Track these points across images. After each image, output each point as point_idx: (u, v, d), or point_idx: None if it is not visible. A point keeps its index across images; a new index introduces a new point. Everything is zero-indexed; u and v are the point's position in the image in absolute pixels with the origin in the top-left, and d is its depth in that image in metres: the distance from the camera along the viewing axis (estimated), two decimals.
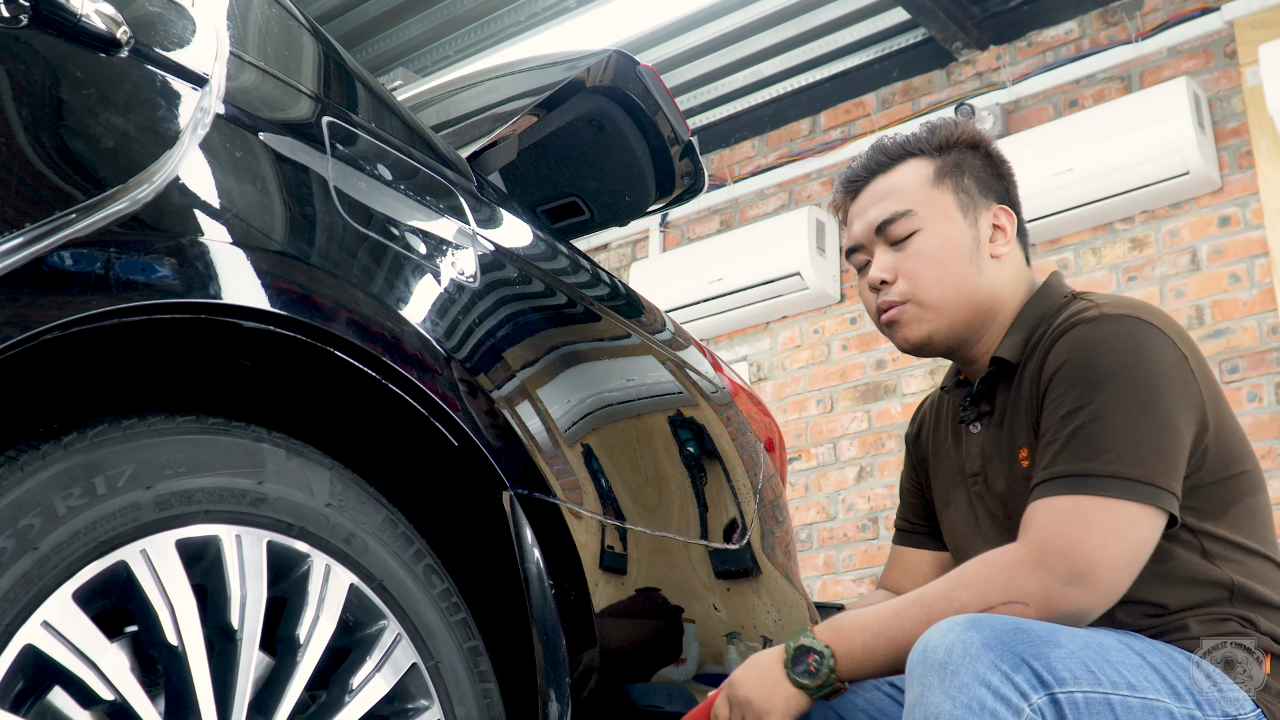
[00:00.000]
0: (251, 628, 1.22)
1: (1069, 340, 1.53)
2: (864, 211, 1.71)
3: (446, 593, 1.45)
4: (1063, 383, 1.51)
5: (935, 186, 1.68)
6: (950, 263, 1.64)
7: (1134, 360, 1.48)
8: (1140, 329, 1.50)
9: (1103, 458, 1.43)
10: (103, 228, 1.12)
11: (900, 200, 1.67)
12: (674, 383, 2.05)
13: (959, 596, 1.42)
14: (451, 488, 1.54)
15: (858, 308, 5.40)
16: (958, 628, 1.31)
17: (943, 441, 1.79)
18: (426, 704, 1.39)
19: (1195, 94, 4.55)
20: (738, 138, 5.92)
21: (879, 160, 1.73)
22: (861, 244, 1.72)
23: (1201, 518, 1.52)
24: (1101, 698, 1.32)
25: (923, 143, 1.71)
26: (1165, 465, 1.44)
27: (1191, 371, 1.51)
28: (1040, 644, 1.31)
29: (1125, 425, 1.44)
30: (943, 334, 1.66)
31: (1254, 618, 1.50)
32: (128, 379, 1.35)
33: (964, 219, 1.67)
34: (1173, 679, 1.40)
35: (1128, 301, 1.57)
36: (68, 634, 1.08)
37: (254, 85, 1.41)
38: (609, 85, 2.12)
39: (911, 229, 1.66)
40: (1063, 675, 1.30)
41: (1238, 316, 4.42)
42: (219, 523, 1.22)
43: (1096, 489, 1.42)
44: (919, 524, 1.88)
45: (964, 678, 1.27)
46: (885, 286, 1.67)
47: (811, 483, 5.35)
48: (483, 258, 1.65)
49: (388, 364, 1.38)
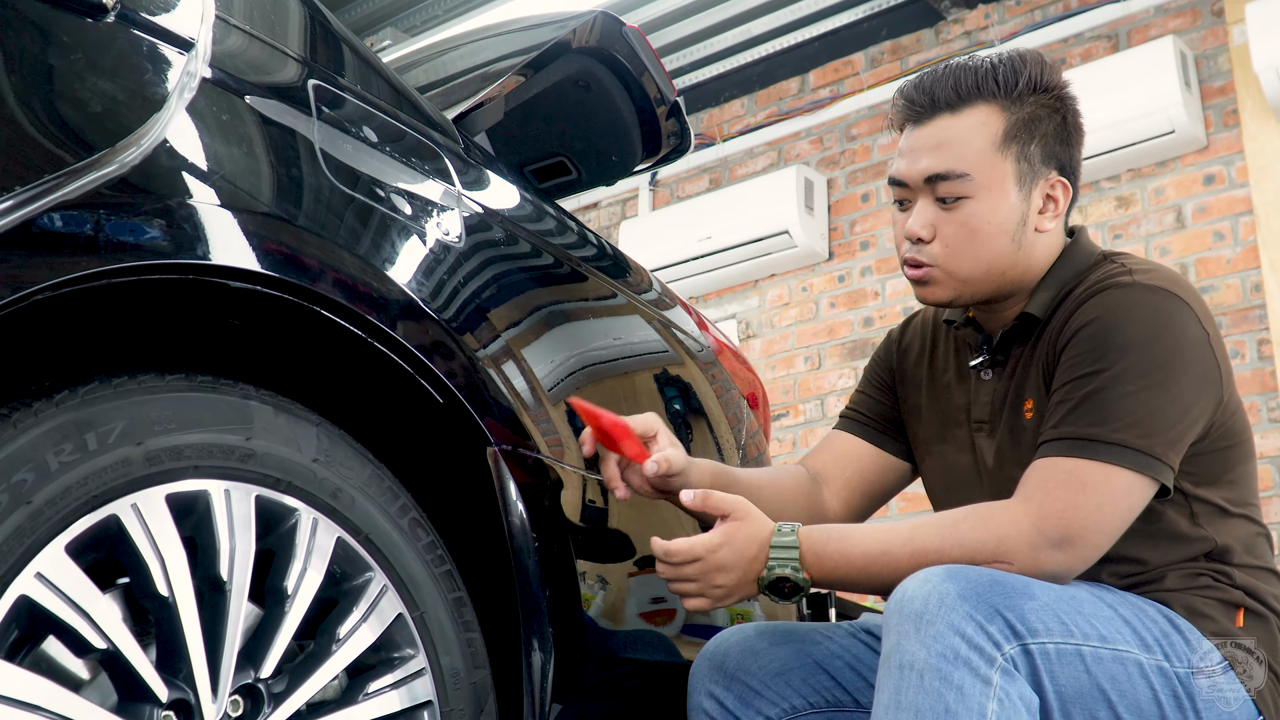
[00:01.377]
0: (240, 579, 1.25)
1: (1098, 303, 1.52)
2: (918, 152, 1.60)
3: (432, 545, 1.48)
4: (1085, 342, 1.50)
5: (1000, 150, 1.57)
6: (992, 240, 1.58)
7: (1159, 333, 1.48)
8: (1170, 301, 1.50)
9: (1111, 424, 1.44)
10: (92, 190, 1.14)
11: (959, 159, 1.57)
12: (659, 341, 2.08)
13: (950, 552, 1.43)
14: (437, 444, 1.57)
15: (846, 265, 5.42)
16: (935, 578, 1.34)
17: (943, 374, 1.76)
18: (412, 653, 1.42)
19: (1182, 52, 4.55)
20: (727, 96, 5.92)
21: (949, 96, 1.59)
22: (906, 183, 1.62)
23: (1196, 483, 1.54)
24: (1073, 649, 1.36)
25: (1003, 86, 1.58)
26: (1169, 439, 1.46)
27: (1213, 349, 1.51)
28: (1015, 596, 1.35)
29: (1139, 395, 1.45)
30: (965, 300, 1.63)
31: (1229, 572, 1.54)
32: (118, 338, 1.37)
33: (1018, 191, 1.58)
34: (1143, 631, 1.43)
35: (1160, 271, 1.55)
36: (61, 585, 1.11)
37: (240, 49, 1.43)
38: (595, 46, 2.12)
39: (963, 193, 1.57)
40: (1035, 626, 1.34)
41: (1221, 274, 4.45)
42: (208, 478, 1.25)
43: (1099, 454, 1.44)
44: (876, 421, 1.84)
45: (939, 627, 1.30)
46: (920, 243, 1.60)
47: (799, 438, 5.39)
48: (468, 218, 1.67)
49: (374, 323, 1.41)
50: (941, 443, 1.74)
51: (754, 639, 1.68)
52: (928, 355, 1.81)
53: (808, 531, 1.50)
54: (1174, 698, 1.41)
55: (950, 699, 1.27)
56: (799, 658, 1.66)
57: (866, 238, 5.39)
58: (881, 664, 1.35)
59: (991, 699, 1.28)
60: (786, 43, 5.59)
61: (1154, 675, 1.40)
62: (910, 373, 1.82)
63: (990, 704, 1.28)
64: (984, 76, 1.60)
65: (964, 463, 1.70)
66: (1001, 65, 1.60)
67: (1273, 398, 4.27)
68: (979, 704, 1.27)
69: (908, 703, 1.28)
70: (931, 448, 1.76)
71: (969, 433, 1.70)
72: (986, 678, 1.28)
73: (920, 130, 1.62)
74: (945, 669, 1.28)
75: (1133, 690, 1.38)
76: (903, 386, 1.83)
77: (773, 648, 1.67)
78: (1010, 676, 1.30)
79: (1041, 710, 1.34)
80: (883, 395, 1.86)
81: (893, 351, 1.87)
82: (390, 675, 1.40)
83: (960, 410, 1.72)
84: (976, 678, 1.28)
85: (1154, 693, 1.39)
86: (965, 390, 1.72)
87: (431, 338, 1.49)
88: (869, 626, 1.70)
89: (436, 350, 1.49)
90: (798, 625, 1.73)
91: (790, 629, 1.71)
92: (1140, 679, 1.39)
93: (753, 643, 1.68)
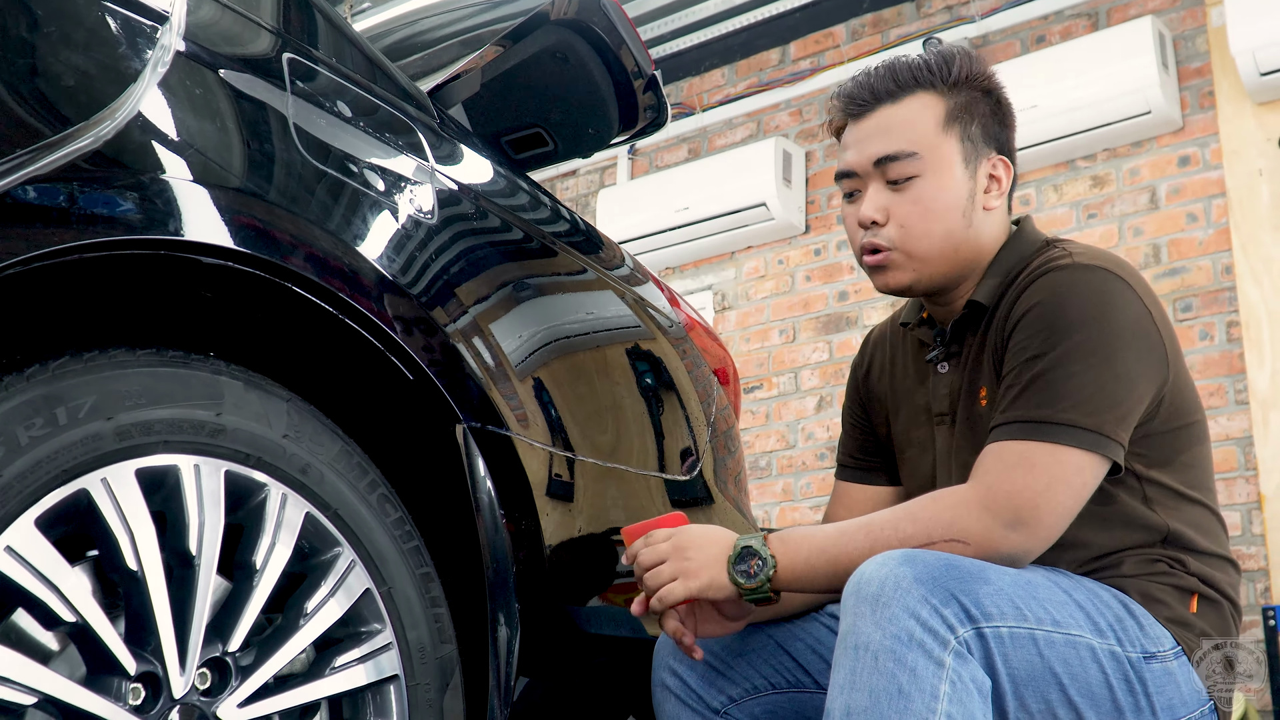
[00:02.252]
0: (209, 554, 1.27)
1: (1040, 286, 1.55)
2: (865, 140, 1.65)
3: (400, 521, 1.49)
4: (1029, 326, 1.53)
5: (943, 131, 1.63)
6: (944, 216, 1.62)
7: (1100, 312, 1.50)
8: (1109, 281, 1.53)
9: (1058, 405, 1.47)
10: (66, 164, 1.14)
11: (906, 140, 1.62)
12: (630, 317, 2.09)
13: (904, 529, 1.45)
14: (407, 420, 1.58)
15: (822, 239, 5.44)
16: (891, 562, 1.36)
17: (904, 379, 1.79)
18: (379, 627, 1.44)
19: (1160, 33, 4.57)
20: (707, 66, 5.91)
21: (889, 87, 1.65)
22: (855, 172, 1.66)
23: (1148, 464, 1.56)
24: (1026, 633, 1.38)
25: (937, 76, 1.65)
26: (1118, 415, 1.48)
27: (1156, 326, 1.54)
28: (970, 580, 1.37)
29: (1084, 375, 1.47)
30: (924, 284, 1.65)
31: (1184, 559, 1.56)
32: (89, 312, 1.37)
33: (964, 169, 1.63)
34: (1096, 616, 1.46)
35: (1099, 253, 1.58)
36: (30, 558, 1.12)
37: (214, 21, 1.43)
38: (573, 18, 2.12)
39: (913, 173, 1.61)
40: (990, 610, 1.36)
41: (1193, 256, 4.48)
42: (178, 452, 1.26)
43: (1048, 435, 1.46)
44: (862, 459, 1.88)
45: (894, 610, 1.32)
46: (875, 227, 1.63)
47: (772, 411, 5.42)
48: (441, 194, 1.68)
49: (344, 299, 1.42)
50: (911, 446, 1.77)
51: None
52: (888, 368, 1.84)
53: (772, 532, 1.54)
54: (1125, 681, 1.43)
55: (904, 680, 1.29)
56: (761, 638, 1.69)
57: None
58: (838, 645, 1.37)
59: (944, 681, 1.30)
60: (768, 13, 5.59)
61: (1106, 659, 1.42)
62: (880, 390, 1.85)
63: (943, 685, 1.30)
64: (919, 68, 1.66)
65: (929, 460, 1.73)
66: (933, 58, 1.67)
67: (1240, 379, 4.31)
68: (931, 685, 1.29)
69: (862, 683, 1.31)
70: (906, 453, 1.78)
71: (931, 429, 1.72)
72: (940, 660, 1.30)
73: (863, 122, 1.67)
74: (899, 651, 1.30)
75: (1084, 674, 1.41)
76: (875, 405, 1.86)
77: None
78: (963, 659, 1.32)
79: (994, 693, 1.36)
80: (859, 430, 1.89)
81: (858, 378, 1.90)
82: (357, 649, 1.42)
83: (922, 410, 1.74)
84: (930, 660, 1.30)
85: (1105, 676, 1.42)
86: (925, 388, 1.74)
87: (402, 314, 1.49)
88: (831, 609, 1.72)
89: (407, 326, 1.50)
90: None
91: None
92: (1092, 663, 1.41)
93: None
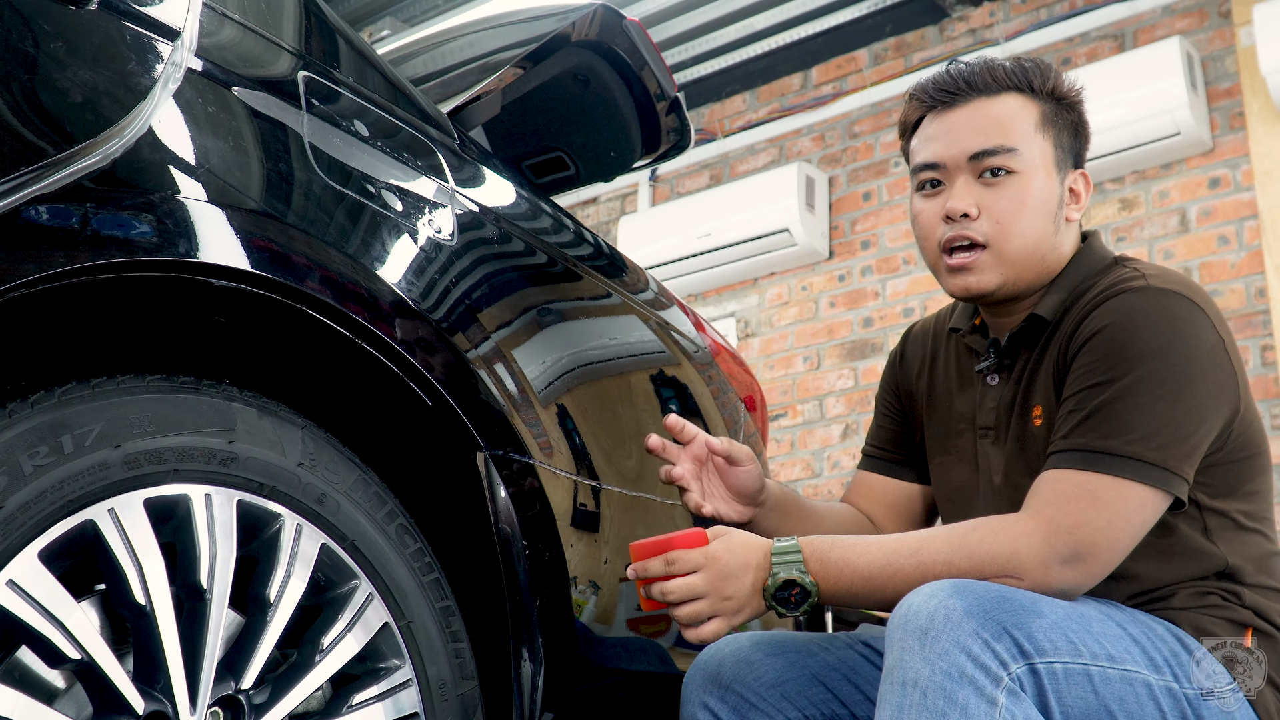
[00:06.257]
0: (221, 587, 1.22)
1: (1111, 307, 1.49)
2: (958, 131, 1.59)
3: (419, 553, 1.44)
4: (1097, 349, 1.47)
5: (1040, 132, 1.58)
6: (1039, 217, 1.56)
7: (1173, 341, 1.44)
8: (1184, 307, 1.47)
9: (1124, 436, 1.41)
10: (73, 183, 1.11)
11: (1007, 135, 1.56)
12: (655, 342, 2.04)
13: (959, 565, 1.39)
14: (426, 448, 1.54)
15: (846, 265, 5.38)
16: (941, 593, 1.30)
17: (946, 382, 1.74)
18: (398, 663, 1.39)
19: (1188, 54, 4.52)
20: (729, 92, 5.88)
21: (985, 80, 1.60)
22: (942, 164, 1.60)
23: (1211, 495, 1.51)
24: (1081, 668, 1.32)
25: (1032, 81, 1.60)
26: (1185, 450, 1.42)
27: (1228, 356, 1.48)
28: (1022, 613, 1.31)
29: (1153, 406, 1.42)
30: (1007, 289, 1.59)
31: (1239, 591, 1.50)
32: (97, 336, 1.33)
33: (1056, 175, 1.59)
34: (1152, 651, 1.40)
35: (1174, 276, 1.52)
36: (34, 593, 1.08)
37: (228, 39, 1.39)
38: (595, 39, 2.10)
39: (1011, 167, 1.56)
40: (1043, 645, 1.30)
41: (1225, 279, 4.42)
42: (188, 482, 1.22)
43: (1112, 468, 1.40)
44: (891, 452, 1.83)
45: (945, 644, 1.26)
46: (965, 220, 1.57)
47: (797, 439, 5.35)
48: (461, 216, 1.64)
49: (363, 324, 1.37)
50: (944, 453, 1.72)
51: (749, 649, 1.65)
52: (928, 366, 1.79)
53: (808, 539, 1.46)
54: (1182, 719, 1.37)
55: (954, 718, 1.23)
56: (795, 669, 1.63)
57: (867, 237, 5.35)
58: (884, 679, 1.31)
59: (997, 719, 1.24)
60: (789, 38, 5.56)
61: (1163, 696, 1.36)
62: (913, 386, 1.80)
63: None
64: (1015, 70, 1.61)
65: (967, 471, 1.67)
66: (1030, 64, 1.62)
67: (1275, 405, 4.24)
68: None
69: None
70: (935, 459, 1.74)
71: (973, 440, 1.66)
72: (992, 698, 1.25)
73: (953, 113, 1.61)
74: (950, 687, 1.24)
75: (1141, 712, 1.34)
76: (910, 401, 1.81)
77: (768, 659, 1.63)
78: (1016, 697, 1.26)
79: None
80: (892, 420, 1.84)
81: (895, 369, 1.85)
82: (375, 686, 1.37)
83: (962, 419, 1.69)
84: (981, 697, 1.24)
85: (1162, 714, 1.36)
86: (968, 397, 1.69)
87: (421, 339, 1.45)
88: (867, 639, 1.67)
89: (426, 351, 1.45)
90: (794, 635, 1.70)
91: (786, 639, 1.68)
92: (1149, 700, 1.35)
93: (748, 653, 1.64)
